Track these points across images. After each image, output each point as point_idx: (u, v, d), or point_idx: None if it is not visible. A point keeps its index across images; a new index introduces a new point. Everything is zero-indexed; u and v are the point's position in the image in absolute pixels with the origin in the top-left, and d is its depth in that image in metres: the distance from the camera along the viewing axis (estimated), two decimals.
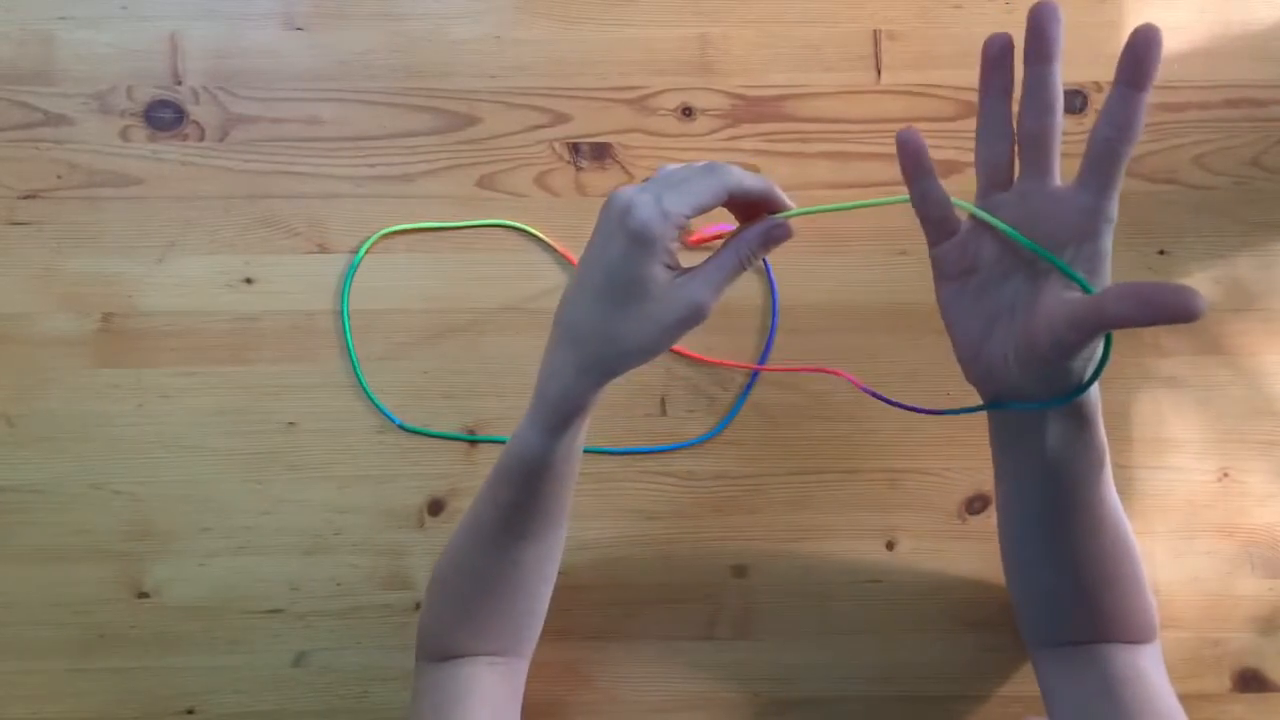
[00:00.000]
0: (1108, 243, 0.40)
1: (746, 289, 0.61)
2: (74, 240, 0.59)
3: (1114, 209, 0.40)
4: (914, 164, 0.42)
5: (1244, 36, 0.61)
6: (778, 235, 0.44)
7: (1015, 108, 0.41)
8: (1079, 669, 0.49)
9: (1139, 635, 0.50)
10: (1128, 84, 0.38)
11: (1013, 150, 0.42)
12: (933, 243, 0.44)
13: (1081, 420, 0.43)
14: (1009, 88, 0.42)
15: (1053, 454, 0.44)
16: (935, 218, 0.43)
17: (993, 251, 0.42)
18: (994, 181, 0.42)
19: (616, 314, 0.42)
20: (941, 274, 0.44)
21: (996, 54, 0.41)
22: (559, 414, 0.45)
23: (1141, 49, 0.38)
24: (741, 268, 0.43)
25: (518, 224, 0.60)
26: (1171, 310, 0.34)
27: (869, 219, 0.61)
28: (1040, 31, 0.40)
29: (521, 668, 0.54)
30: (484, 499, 0.49)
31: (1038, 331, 0.40)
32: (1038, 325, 0.40)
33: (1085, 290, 0.40)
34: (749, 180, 0.42)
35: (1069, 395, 0.41)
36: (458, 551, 0.51)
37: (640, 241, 0.40)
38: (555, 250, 0.60)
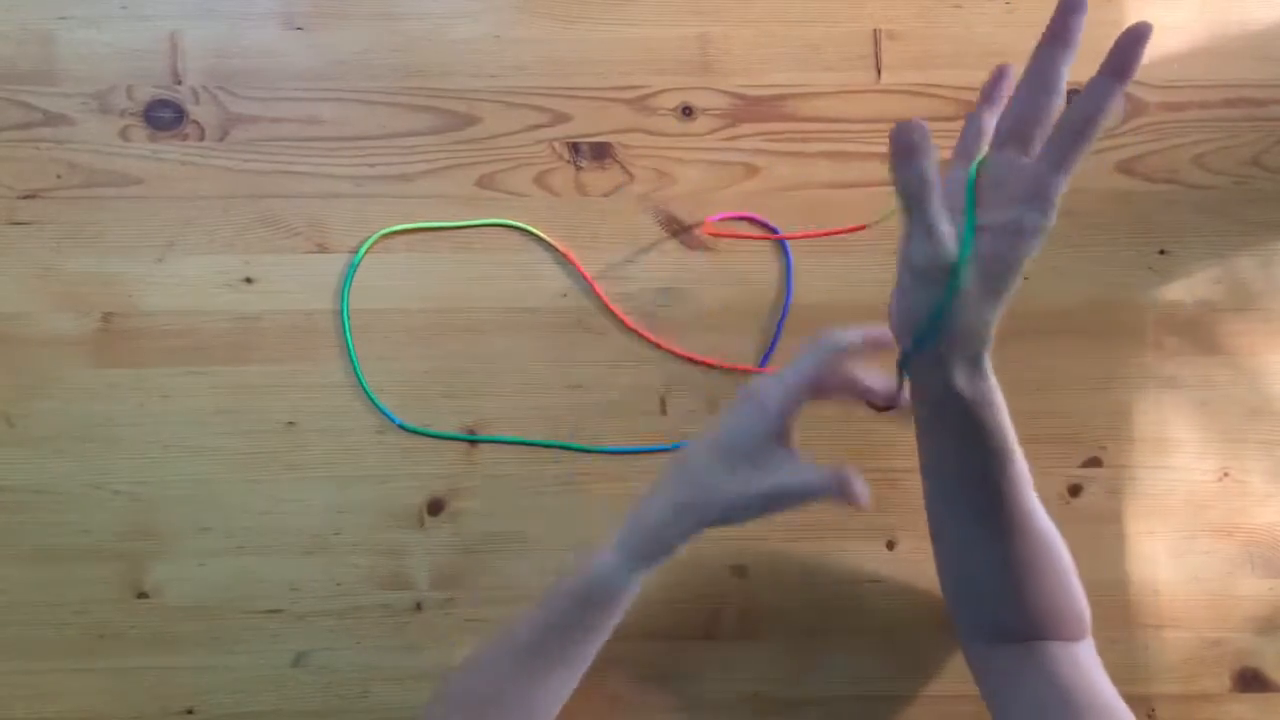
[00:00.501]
0: (1051, 214, 0.42)
1: (751, 289, 0.61)
2: (74, 240, 0.59)
3: (1063, 183, 0.41)
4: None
5: (1244, 36, 0.61)
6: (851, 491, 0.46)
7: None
8: (1023, 671, 0.50)
9: (1072, 632, 0.50)
10: (1109, 73, 0.40)
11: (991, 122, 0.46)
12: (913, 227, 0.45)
13: (965, 406, 0.45)
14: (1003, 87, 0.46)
15: (953, 442, 0.47)
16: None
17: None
18: (969, 150, 0.47)
19: (724, 469, 0.47)
20: (906, 261, 0.45)
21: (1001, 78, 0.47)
22: (649, 544, 0.48)
23: (1128, 43, 0.39)
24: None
25: (517, 223, 0.60)
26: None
27: (868, 219, 0.61)
28: (1061, 15, 0.41)
29: None
30: (529, 618, 0.50)
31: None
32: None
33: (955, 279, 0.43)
34: (846, 338, 0.47)
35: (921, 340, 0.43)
36: (481, 667, 0.51)
37: (756, 404, 0.47)
38: (556, 249, 0.60)
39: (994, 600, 0.50)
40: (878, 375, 0.48)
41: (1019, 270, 0.42)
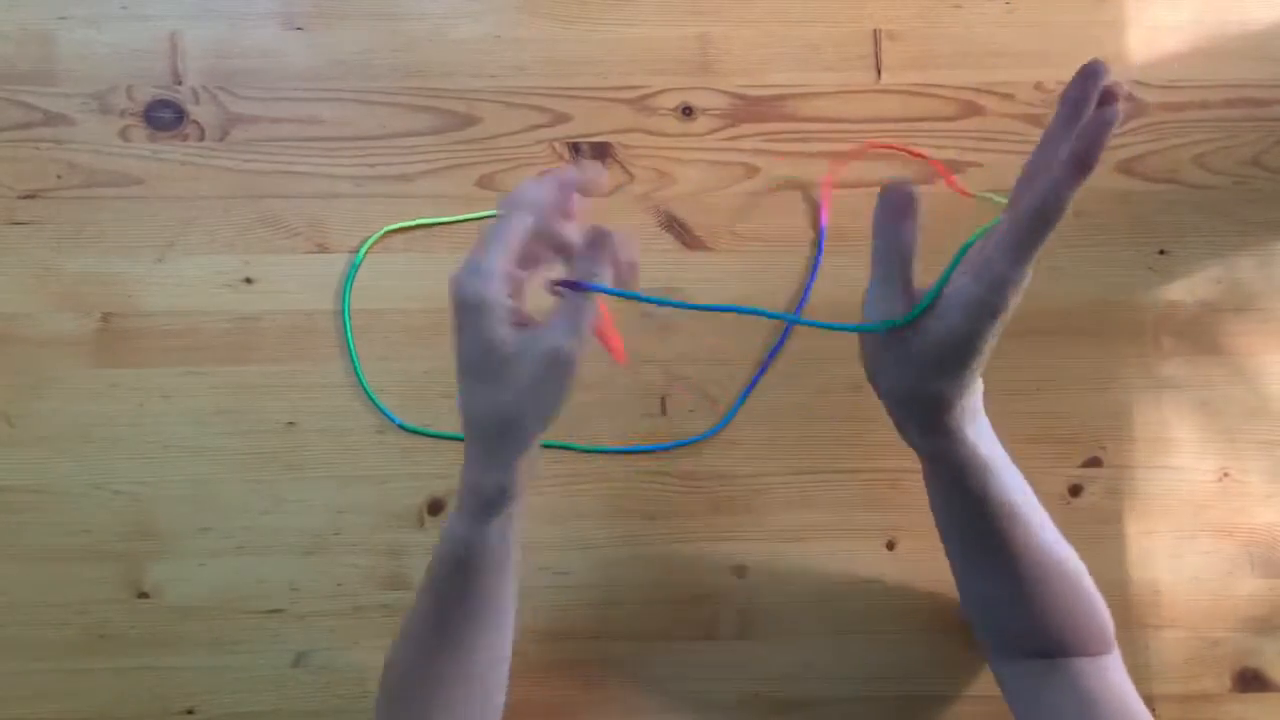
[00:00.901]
0: (1003, 303, 0.41)
1: (751, 289, 0.61)
2: (74, 240, 0.59)
3: (1020, 273, 0.39)
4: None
5: (1244, 36, 0.61)
6: (607, 242, 0.42)
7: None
8: (1045, 685, 0.50)
9: (1096, 648, 0.50)
10: (1073, 165, 0.36)
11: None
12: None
13: (936, 467, 0.46)
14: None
15: (942, 497, 0.48)
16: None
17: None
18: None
19: (488, 391, 0.42)
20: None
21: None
22: (480, 501, 0.45)
23: (1094, 129, 0.36)
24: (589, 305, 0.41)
25: None
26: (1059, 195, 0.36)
27: (870, 219, 0.60)
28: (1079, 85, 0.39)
29: None
30: (422, 592, 0.48)
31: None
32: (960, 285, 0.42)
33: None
34: (541, 192, 0.42)
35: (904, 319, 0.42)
36: (404, 644, 0.50)
37: (471, 310, 0.40)
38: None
39: (1013, 626, 0.51)
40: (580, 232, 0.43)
41: (971, 349, 0.41)
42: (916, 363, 0.42)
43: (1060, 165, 0.37)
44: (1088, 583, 0.51)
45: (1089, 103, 0.38)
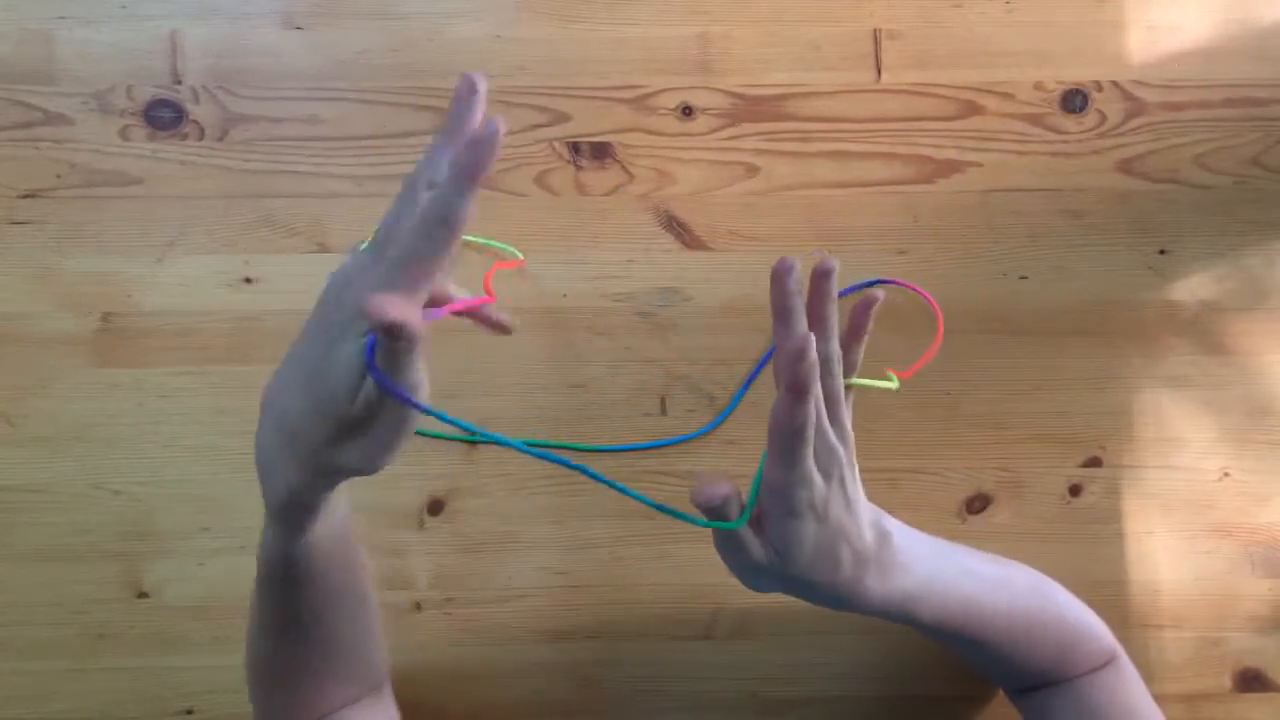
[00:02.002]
0: (794, 522, 0.43)
1: (751, 288, 0.61)
2: (74, 240, 0.59)
3: (798, 482, 0.43)
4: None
5: (1244, 36, 0.61)
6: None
7: None
8: (1055, 708, 0.51)
9: (1096, 661, 0.51)
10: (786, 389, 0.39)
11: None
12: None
13: (863, 600, 0.45)
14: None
15: (889, 617, 0.47)
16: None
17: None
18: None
19: (332, 425, 0.37)
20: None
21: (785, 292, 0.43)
22: (274, 510, 0.40)
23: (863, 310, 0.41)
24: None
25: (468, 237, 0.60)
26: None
27: (869, 218, 0.61)
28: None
29: (381, 695, 0.52)
30: (255, 590, 0.45)
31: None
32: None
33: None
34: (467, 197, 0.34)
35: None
36: (250, 644, 0.47)
37: (387, 331, 0.32)
38: (554, 250, 0.60)
39: (1009, 670, 0.52)
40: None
41: (797, 552, 0.42)
42: (791, 578, 0.43)
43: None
44: (1069, 614, 0.51)
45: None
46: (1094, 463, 0.61)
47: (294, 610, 0.45)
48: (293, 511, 0.40)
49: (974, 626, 0.47)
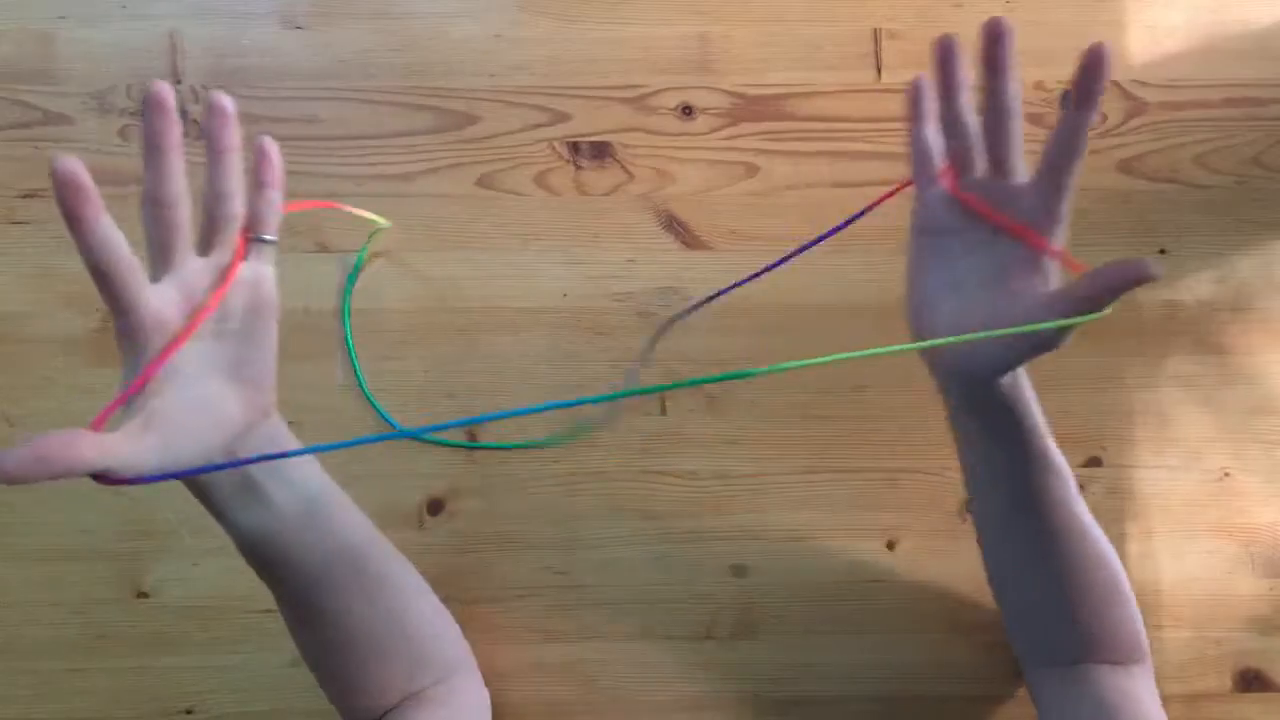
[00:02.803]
0: (1057, 237, 0.42)
1: (751, 288, 0.61)
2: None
3: (1062, 210, 0.42)
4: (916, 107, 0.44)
5: (1244, 36, 0.61)
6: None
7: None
8: (1071, 693, 0.50)
9: (1126, 655, 0.51)
10: (1073, 103, 0.40)
11: (970, 143, 0.44)
12: (918, 189, 0.46)
13: (1018, 429, 0.45)
14: (961, 85, 0.44)
15: (995, 453, 0.47)
16: (924, 163, 0.45)
17: (968, 222, 0.44)
18: (960, 166, 0.44)
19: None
20: (920, 227, 0.46)
21: (950, 52, 0.44)
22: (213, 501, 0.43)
23: (1089, 72, 0.39)
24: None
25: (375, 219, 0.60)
26: (1130, 280, 0.37)
27: (870, 218, 0.60)
28: (989, 48, 0.41)
29: (451, 685, 0.52)
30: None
31: (1010, 308, 0.42)
32: (1008, 303, 0.42)
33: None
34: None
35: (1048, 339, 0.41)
36: (292, 630, 0.49)
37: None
38: (554, 250, 0.60)
39: (1046, 617, 0.51)
40: None
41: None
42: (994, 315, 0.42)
43: (1065, 112, 0.40)
44: (1125, 585, 0.51)
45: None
46: (1094, 463, 0.61)
47: (293, 597, 0.47)
48: (224, 496, 0.43)
49: (1046, 494, 0.47)
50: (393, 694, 0.50)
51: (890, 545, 0.61)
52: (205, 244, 0.41)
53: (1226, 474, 0.61)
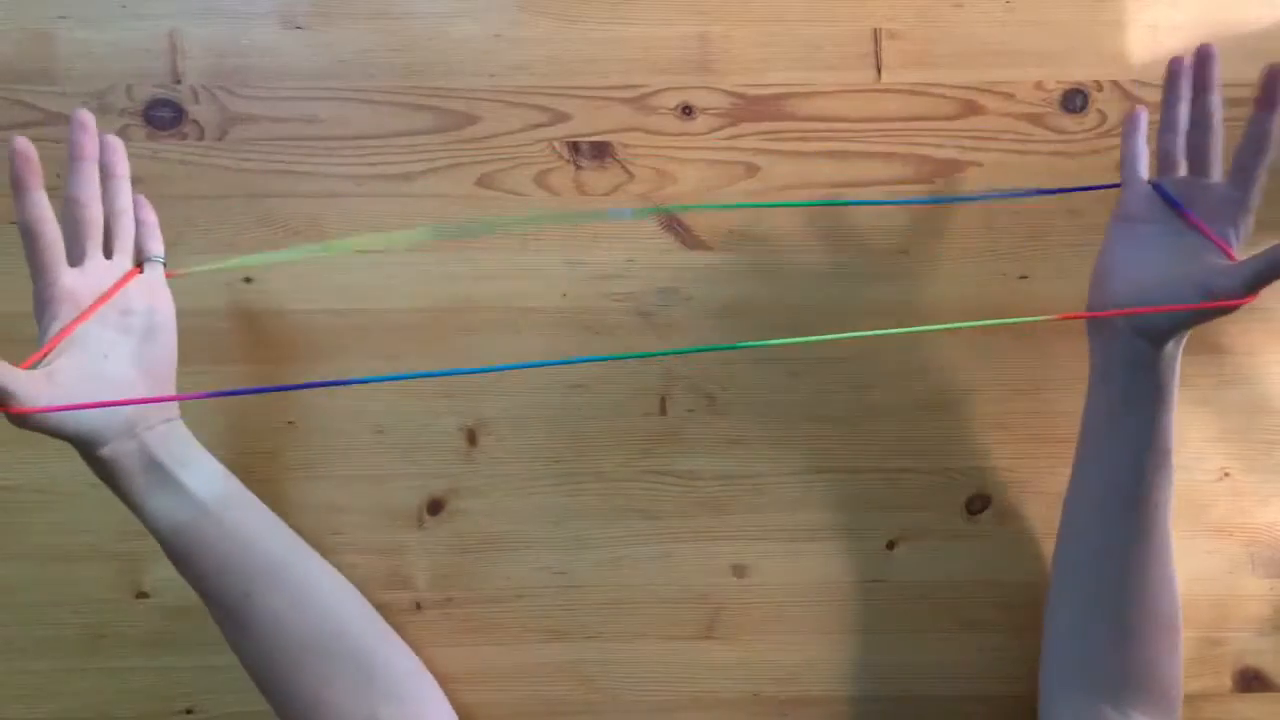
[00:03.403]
0: (1243, 225, 0.51)
1: (751, 288, 0.61)
2: None
3: (1252, 200, 0.50)
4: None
5: (1243, 36, 0.61)
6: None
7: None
8: None
9: (1155, 704, 0.51)
10: (1257, 105, 0.50)
11: (1179, 146, 0.53)
12: (1126, 185, 0.55)
13: (1154, 406, 0.52)
14: (1181, 98, 0.54)
15: (1125, 437, 0.52)
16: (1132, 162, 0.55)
17: (1165, 214, 0.53)
18: (1168, 166, 0.54)
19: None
20: (1122, 215, 0.54)
21: (1177, 72, 0.54)
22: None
23: (1268, 80, 0.49)
24: None
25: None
26: None
27: (869, 218, 0.61)
28: (1201, 67, 0.52)
29: (431, 713, 0.55)
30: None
31: (1192, 270, 0.49)
32: (1190, 266, 0.50)
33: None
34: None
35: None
36: (230, 642, 0.53)
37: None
38: (554, 250, 0.60)
39: (1096, 628, 0.52)
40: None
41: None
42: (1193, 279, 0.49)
43: (1253, 112, 0.50)
44: (1180, 623, 0.53)
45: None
46: None
47: (218, 598, 0.51)
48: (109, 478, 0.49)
49: (1142, 491, 0.52)
50: (348, 714, 0.51)
51: (890, 545, 0.61)
52: (107, 249, 0.51)
53: (1226, 474, 0.61)
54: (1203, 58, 0.52)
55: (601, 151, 0.60)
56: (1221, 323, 0.61)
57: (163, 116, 0.59)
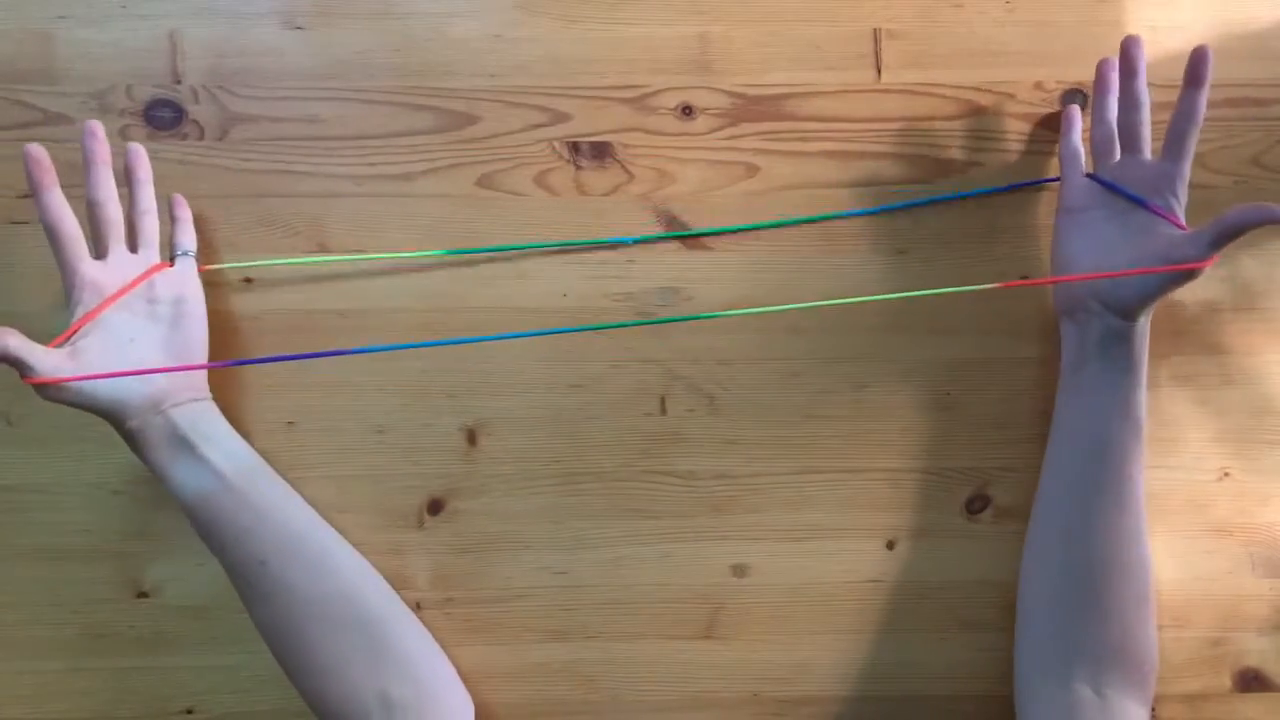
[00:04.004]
0: (1182, 194, 0.54)
1: (752, 288, 0.61)
2: None
3: (1185, 170, 0.54)
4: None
5: (1244, 36, 0.61)
6: None
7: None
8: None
9: (1130, 678, 0.52)
10: (1186, 82, 0.53)
11: (1111, 136, 0.57)
12: (1064, 180, 0.58)
13: (1127, 379, 0.54)
14: (1110, 90, 0.57)
15: (1098, 410, 0.55)
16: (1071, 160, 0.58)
17: (1107, 198, 0.56)
18: (1101, 154, 0.57)
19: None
20: (1066, 208, 0.57)
21: (1108, 70, 0.57)
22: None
23: (1195, 59, 0.52)
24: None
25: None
26: (1263, 219, 0.46)
27: (870, 218, 0.61)
28: (1126, 56, 0.56)
29: (443, 692, 0.56)
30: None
31: (1153, 245, 0.53)
32: (1150, 242, 0.53)
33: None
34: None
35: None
36: (249, 609, 0.55)
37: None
38: (554, 250, 0.60)
39: (1070, 602, 0.53)
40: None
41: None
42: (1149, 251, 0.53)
43: (1183, 88, 0.53)
44: (1153, 608, 0.54)
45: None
46: None
47: (240, 569, 0.54)
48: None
49: (1115, 464, 0.54)
50: (360, 687, 0.52)
51: (890, 545, 0.61)
52: (132, 245, 0.55)
53: (1226, 474, 0.61)
54: (1127, 47, 0.56)
55: (601, 151, 0.60)
56: (1221, 323, 0.61)
57: (163, 116, 0.59)
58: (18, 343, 0.46)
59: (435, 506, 0.60)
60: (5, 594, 0.59)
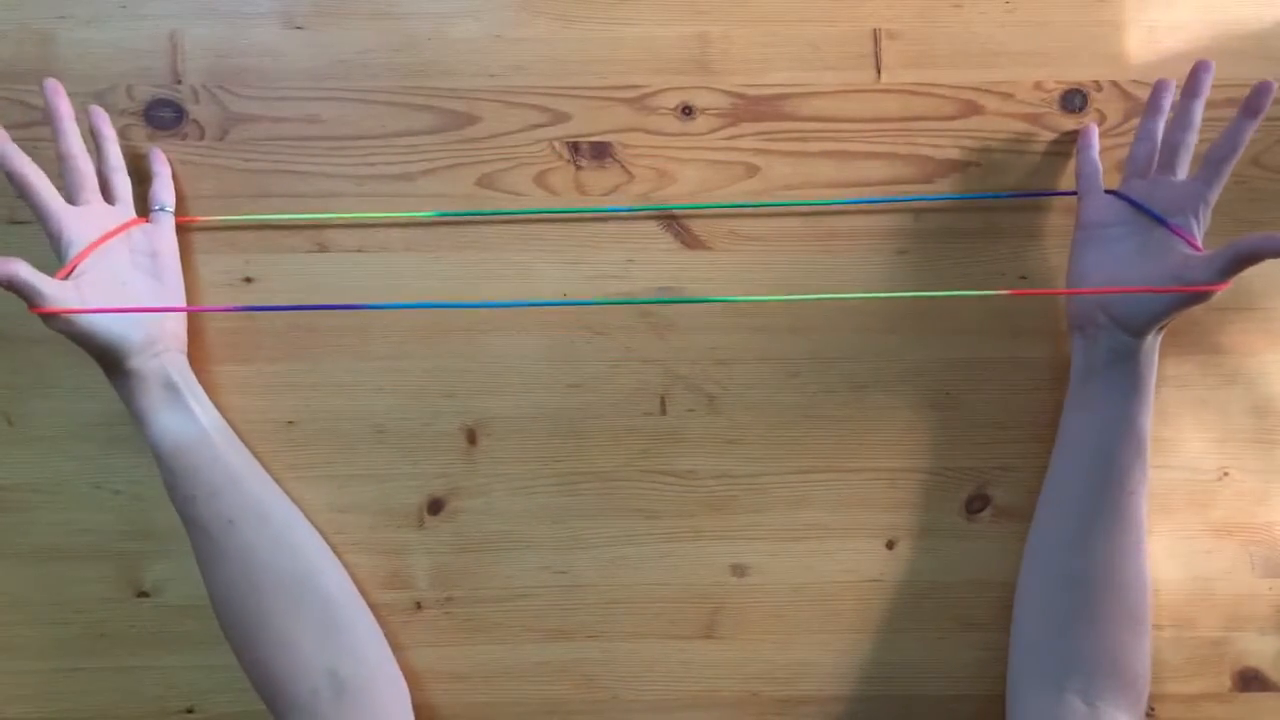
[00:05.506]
0: (1204, 216, 0.53)
1: (751, 288, 0.61)
2: None
3: (1213, 195, 0.53)
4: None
5: (1244, 36, 0.61)
6: None
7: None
8: None
9: (1122, 693, 0.52)
10: (1242, 111, 0.53)
11: (1150, 154, 0.56)
12: (1083, 196, 0.57)
13: (1132, 396, 0.54)
14: (1163, 112, 0.57)
15: (1101, 426, 0.54)
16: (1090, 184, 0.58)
17: (1122, 216, 0.56)
18: (1135, 171, 0.57)
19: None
20: (1086, 222, 0.57)
21: (1164, 92, 0.57)
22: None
23: (1255, 92, 0.52)
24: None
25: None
26: (1270, 251, 0.47)
27: (869, 218, 0.61)
28: (1195, 76, 0.55)
29: (385, 674, 0.56)
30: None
31: (1165, 264, 0.52)
32: (1163, 261, 0.52)
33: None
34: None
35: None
36: (204, 570, 0.55)
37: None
38: (554, 250, 0.60)
39: (1066, 614, 0.53)
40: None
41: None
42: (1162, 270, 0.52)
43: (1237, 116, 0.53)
44: (1148, 626, 0.54)
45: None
46: None
47: (204, 525, 0.54)
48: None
49: (1118, 480, 0.54)
50: (310, 662, 0.52)
51: (890, 545, 0.61)
52: (109, 200, 0.56)
53: (1226, 474, 0.61)
54: (1198, 71, 0.55)
55: (601, 151, 0.60)
56: (1221, 323, 0.61)
57: (163, 117, 0.59)
58: (28, 272, 0.46)
59: (435, 506, 0.60)
60: (5, 594, 0.59)
